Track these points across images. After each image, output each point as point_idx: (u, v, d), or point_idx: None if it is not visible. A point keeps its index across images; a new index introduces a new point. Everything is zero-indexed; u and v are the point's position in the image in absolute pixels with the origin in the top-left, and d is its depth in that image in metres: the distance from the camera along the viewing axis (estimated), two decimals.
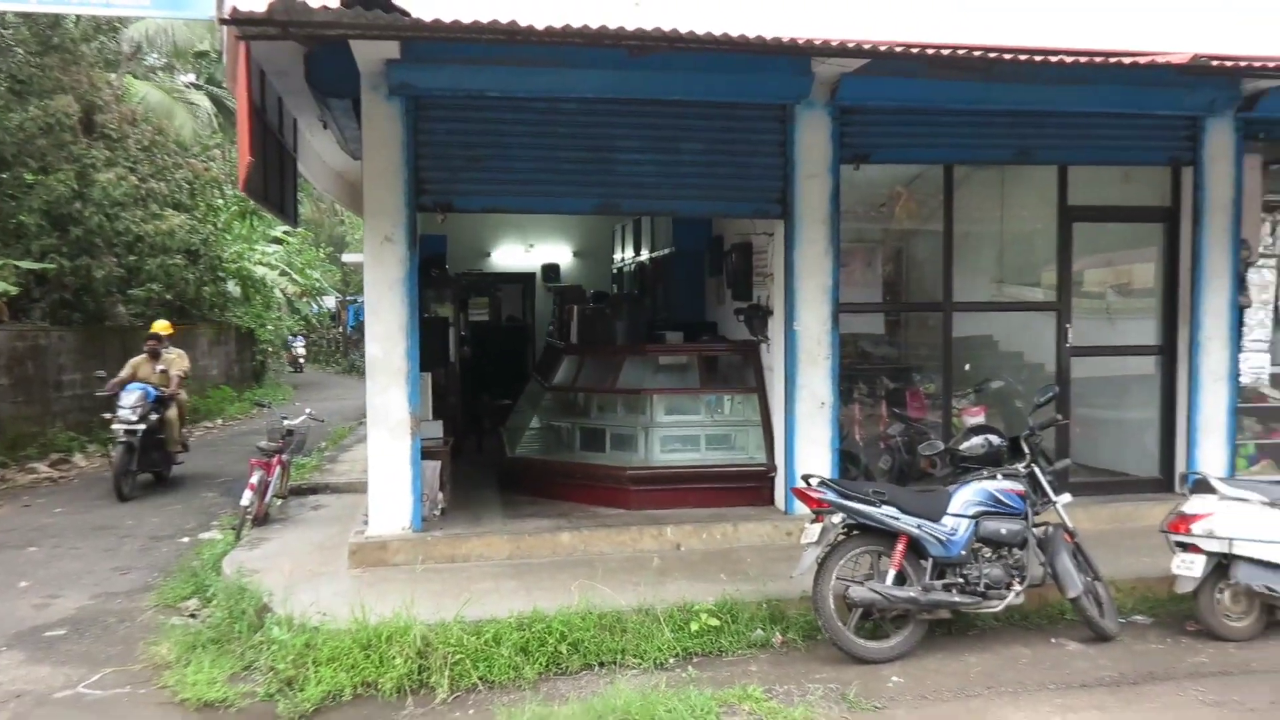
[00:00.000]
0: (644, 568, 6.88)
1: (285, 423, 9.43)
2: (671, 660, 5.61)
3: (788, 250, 7.86)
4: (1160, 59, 6.57)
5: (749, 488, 8.18)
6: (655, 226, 11.94)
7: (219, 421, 17.65)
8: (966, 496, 5.81)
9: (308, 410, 10.29)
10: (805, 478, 5.87)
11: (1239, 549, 5.77)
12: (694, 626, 5.80)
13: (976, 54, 6.26)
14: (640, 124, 7.63)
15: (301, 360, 30.53)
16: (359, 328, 29.12)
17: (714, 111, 7.68)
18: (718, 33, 5.82)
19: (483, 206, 7.74)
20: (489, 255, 15.92)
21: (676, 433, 8.41)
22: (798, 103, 7.66)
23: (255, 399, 16.53)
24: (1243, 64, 6.81)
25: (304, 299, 28.22)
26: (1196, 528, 5.87)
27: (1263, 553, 5.76)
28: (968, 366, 8.79)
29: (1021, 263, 9.61)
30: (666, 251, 11.25)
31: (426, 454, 7.57)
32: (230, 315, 21.30)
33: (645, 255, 12.44)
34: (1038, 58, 6.36)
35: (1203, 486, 6.01)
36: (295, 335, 29.95)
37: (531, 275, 16.12)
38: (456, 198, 7.46)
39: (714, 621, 5.84)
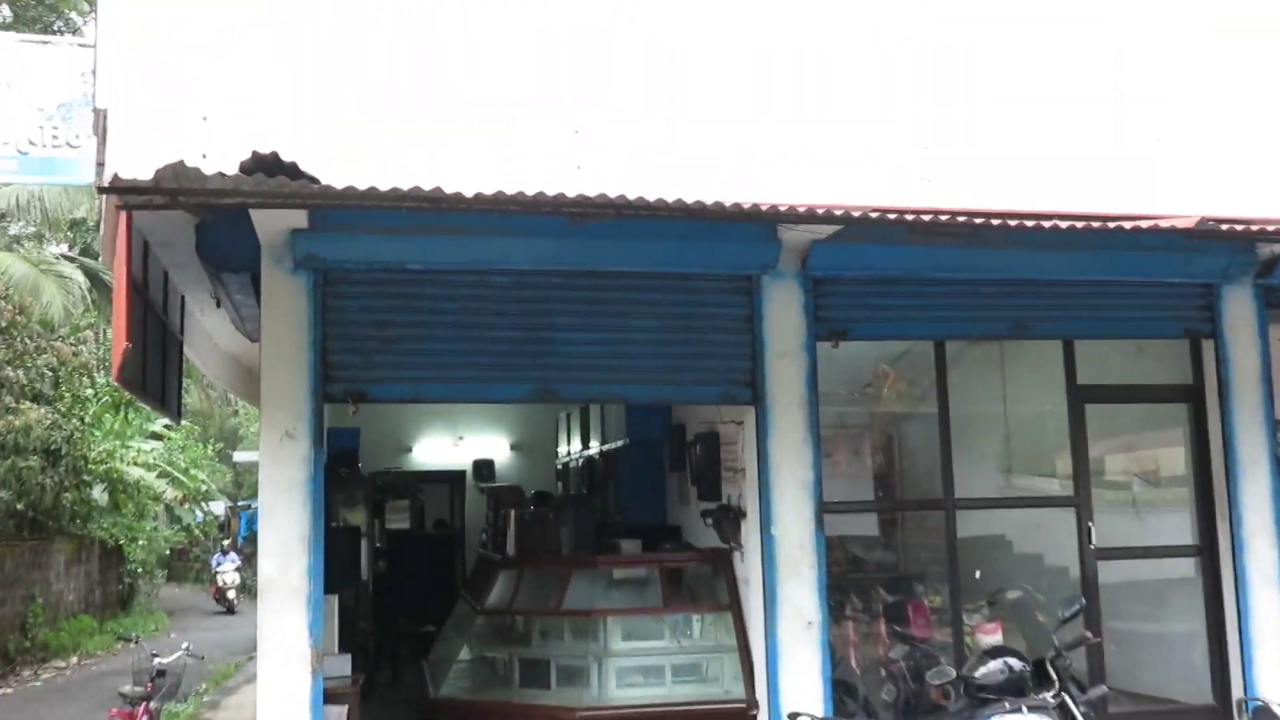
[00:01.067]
0: None
1: (156, 661, 9.03)
2: None
3: (760, 440, 7.90)
4: (1164, 223, 6.87)
5: None
6: (606, 415, 12.02)
7: (73, 660, 16.90)
8: None
9: (185, 644, 9.90)
10: (793, 716, 5.70)
11: None
12: None
13: (960, 219, 6.51)
14: (584, 298, 7.77)
15: (232, 593, 25.41)
16: (252, 539, 28.51)
17: (669, 283, 7.85)
18: (670, 198, 6.02)
19: (402, 396, 7.73)
20: (410, 451, 15.86)
21: (636, 662, 8.23)
22: (764, 273, 7.87)
23: (120, 631, 15.93)
24: (1254, 227, 7.14)
25: (186, 505, 27.67)
26: None
27: None
28: (979, 574, 8.74)
29: (1031, 449, 9.75)
30: (619, 444, 11.30)
31: (331, 697, 7.26)
32: (94, 527, 20.77)
33: (595, 448, 12.46)
34: (1028, 223, 6.62)
35: (1267, 715, 5.90)
36: (225, 551, 26.51)
37: (461, 474, 16.04)
38: (371, 386, 7.46)
39: None
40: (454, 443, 15.87)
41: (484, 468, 15.65)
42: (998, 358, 9.57)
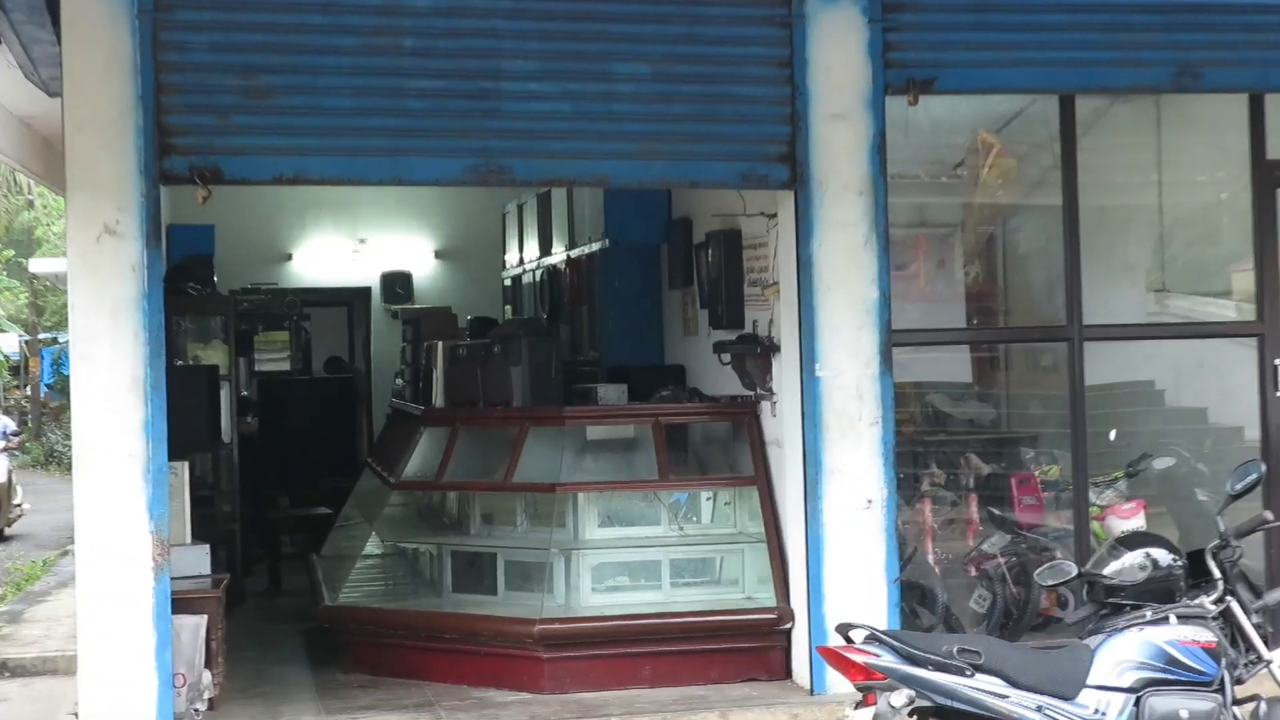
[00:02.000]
0: None
1: None
2: None
3: (802, 241, 7.96)
4: None
5: (747, 649, 8.18)
6: (577, 206, 11.98)
7: None
8: (1120, 655, 5.81)
9: None
10: (844, 630, 5.84)
11: None
12: None
13: None
14: (545, 33, 7.73)
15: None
16: (63, 386, 28.62)
17: (671, 10, 7.80)
18: None
19: (275, 175, 7.69)
20: (289, 260, 15.83)
21: (620, 558, 8.40)
22: None
23: None
24: None
25: None
26: None
27: None
28: (1113, 434, 8.87)
29: (1197, 256, 9.79)
30: (596, 249, 11.30)
31: (182, 603, 7.44)
32: None
33: (560, 255, 12.48)
34: None
35: None
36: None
37: (364, 292, 16.06)
38: (229, 160, 7.43)
39: None
40: (354, 248, 15.82)
41: (398, 284, 15.65)
42: (1151, 122, 9.55)
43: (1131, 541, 6.39)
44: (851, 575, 7.86)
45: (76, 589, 7.22)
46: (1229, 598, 6.06)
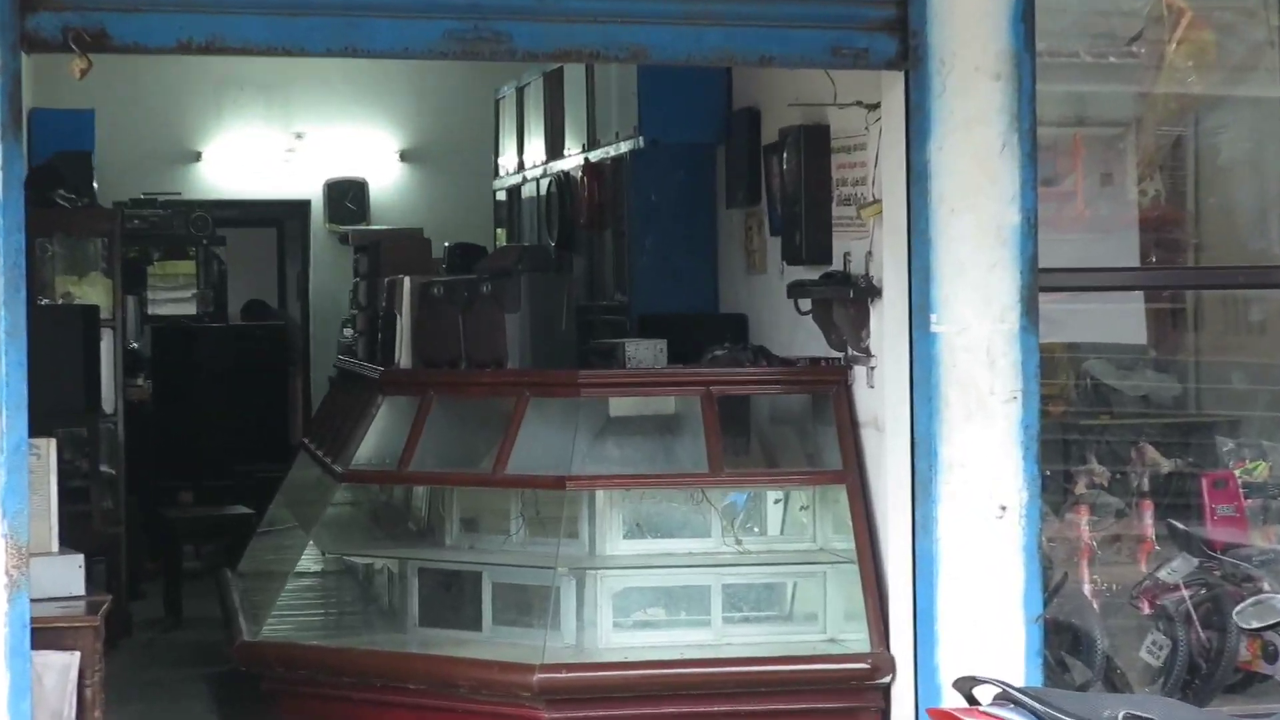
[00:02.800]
0: None
1: None
2: None
3: (915, 143, 7.95)
4: None
5: (831, 711, 8.23)
6: (599, 92, 12.00)
7: None
8: None
9: None
10: (965, 686, 5.86)
11: None
12: None
13: None
14: None
15: None
16: None
17: None
18: None
19: (182, 39, 7.56)
20: (198, 160, 15.89)
21: (653, 582, 8.49)
22: None
23: None
24: None
25: None
26: None
27: None
28: None
29: None
30: (626, 149, 11.33)
31: (46, 635, 7.45)
32: None
33: (575, 159, 12.53)
34: None
35: None
36: None
37: (302, 206, 16.10)
38: (117, 17, 7.35)
39: None
40: (288, 146, 15.86)
41: (348, 196, 15.69)
42: None
43: None
44: (976, 610, 7.82)
45: None
46: None
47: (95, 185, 12.47)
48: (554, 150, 13.08)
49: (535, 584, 8.54)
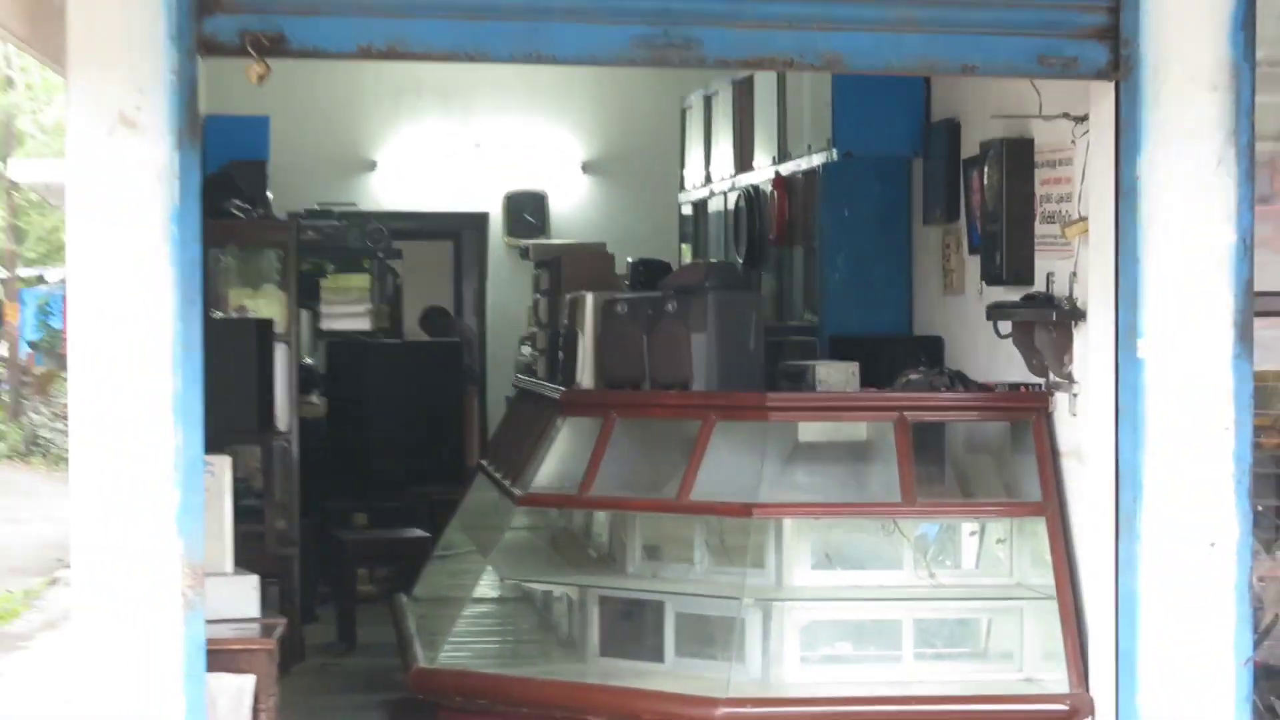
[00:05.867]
0: None
1: None
2: None
3: (1125, 158, 7.90)
4: None
5: None
6: (790, 101, 11.97)
7: None
8: None
9: None
10: None
11: None
12: None
13: None
14: None
15: None
16: (50, 344, 29.17)
17: None
18: None
19: (362, 44, 7.66)
20: (373, 170, 16.05)
21: (842, 615, 8.51)
22: None
23: None
24: None
25: None
26: None
27: None
28: None
29: None
30: (818, 162, 11.30)
31: (220, 658, 7.55)
32: None
33: (765, 172, 12.52)
34: None
35: None
36: None
37: (480, 219, 16.22)
38: (295, 20, 7.46)
39: None
40: (466, 156, 15.97)
41: (528, 209, 15.79)
42: None
43: None
44: (1181, 652, 7.76)
45: (71, 632, 7.30)
46: None
47: (270, 195, 12.62)
48: (743, 162, 13.10)
49: (719, 615, 8.55)
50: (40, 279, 32.44)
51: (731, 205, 13.39)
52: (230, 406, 9.08)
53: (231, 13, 7.40)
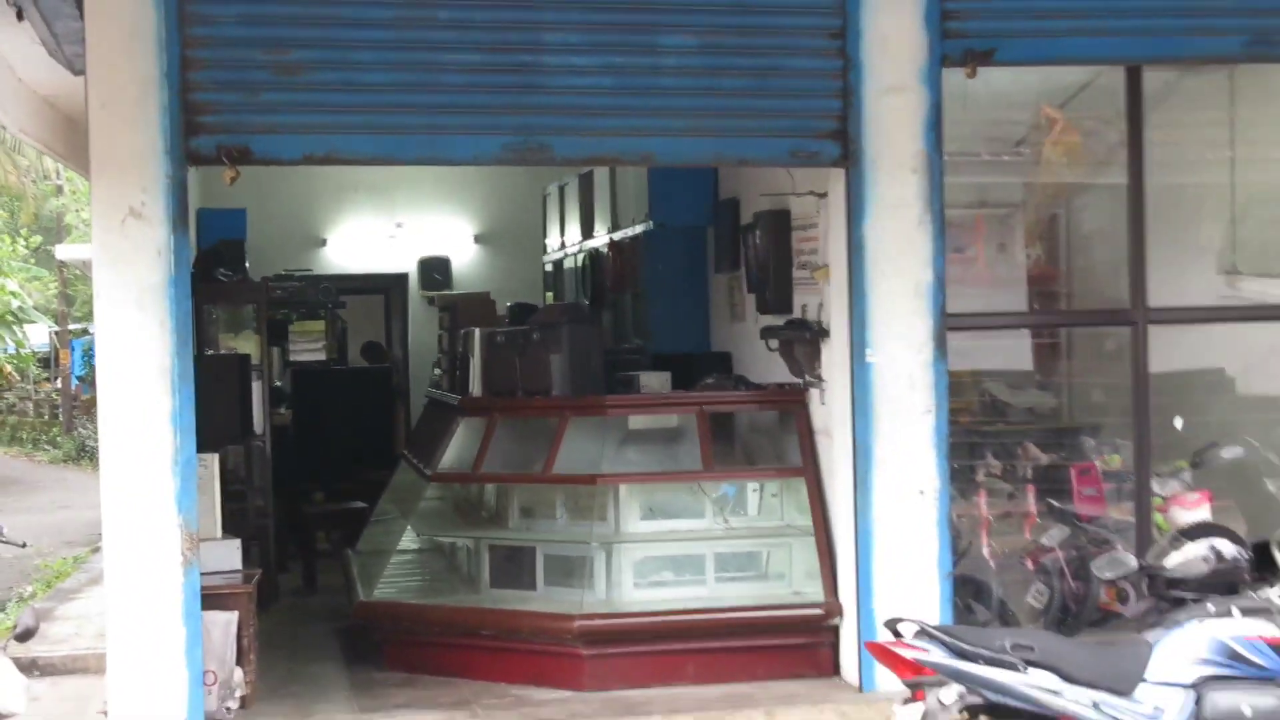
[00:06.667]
0: None
1: None
2: None
3: (854, 220, 8.03)
4: None
5: (794, 646, 8.28)
6: (620, 186, 12.04)
7: None
8: (1180, 650, 5.86)
9: None
10: (893, 625, 5.92)
11: None
12: None
13: None
14: (588, 6, 7.84)
15: None
16: (94, 377, 28.74)
17: None
18: None
19: (307, 154, 7.79)
20: (324, 244, 15.97)
21: (663, 552, 8.49)
22: None
23: None
24: None
25: None
26: None
27: None
28: (1180, 423, 8.88)
29: (1272, 238, 9.78)
30: (640, 231, 11.36)
31: (213, 600, 7.57)
32: None
33: (602, 238, 12.55)
34: None
35: None
36: None
37: (401, 279, 16.17)
38: (258, 138, 7.54)
39: None
40: (390, 233, 15.92)
41: (436, 270, 15.74)
42: (1224, 95, 9.53)
43: (1195, 533, 6.46)
44: (902, 569, 7.93)
45: (106, 586, 7.36)
46: None
47: (247, 265, 12.55)
48: (586, 232, 13.09)
49: (575, 555, 8.58)
50: (85, 331, 32.18)
51: (580, 264, 13.43)
52: (220, 418, 9.06)
53: (210, 133, 7.48)
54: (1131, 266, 8.60)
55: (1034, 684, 5.70)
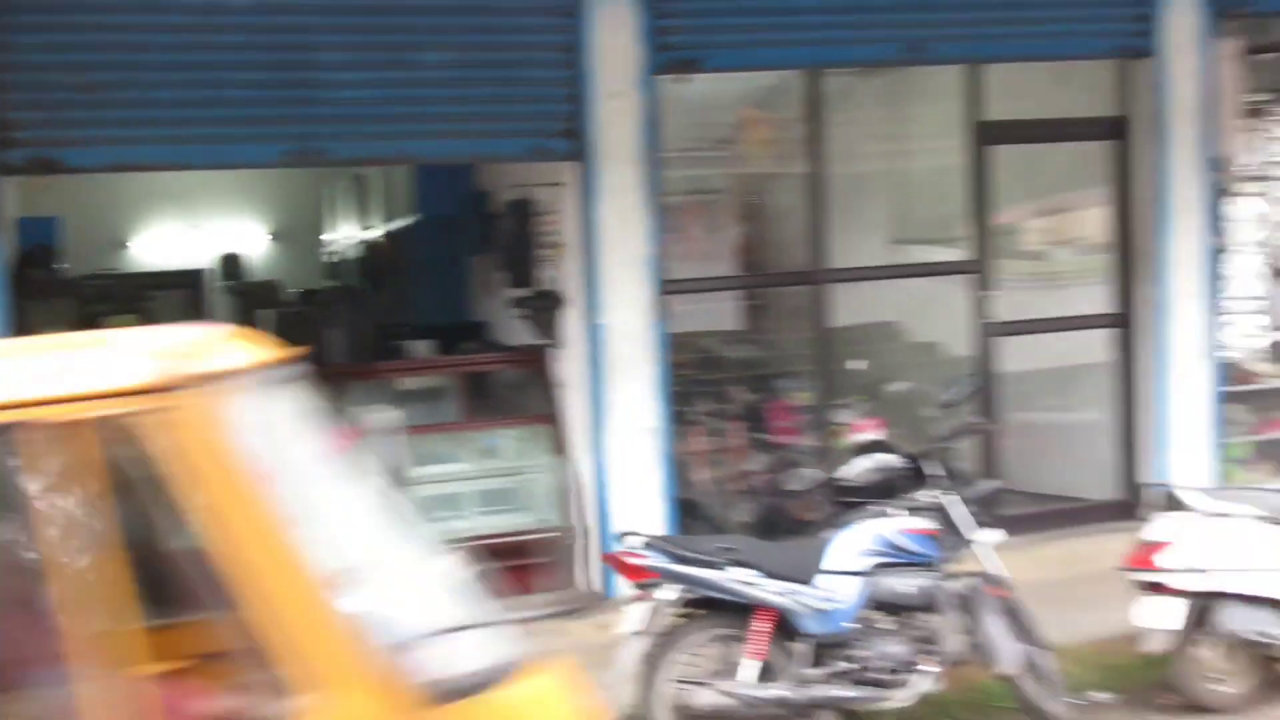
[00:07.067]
0: None
1: None
2: None
3: (586, 206, 8.15)
4: None
5: (546, 563, 8.35)
6: (389, 184, 11.99)
7: None
8: (853, 543, 6.17)
9: None
10: (624, 537, 6.11)
11: (1223, 584, 6.33)
12: None
13: None
14: (354, 27, 7.80)
15: None
16: None
17: (466, 5, 7.95)
18: None
19: (109, 163, 7.76)
20: (131, 246, 15.57)
21: (432, 491, 8.38)
22: None
23: None
24: None
25: None
26: (1165, 559, 6.39)
27: (1256, 586, 6.34)
28: (851, 364, 9.27)
29: (920, 215, 10.25)
30: (407, 222, 11.31)
31: None
32: None
33: (375, 230, 12.46)
34: None
35: (1172, 502, 6.54)
36: None
37: (202, 273, 15.85)
38: (66, 151, 7.40)
39: None
40: (189, 232, 15.58)
41: (233, 264, 15.46)
42: (886, 95, 9.92)
43: (866, 449, 6.78)
44: (634, 496, 8.09)
45: None
46: (945, 491, 6.47)
47: (65, 265, 12.22)
48: (363, 225, 13.04)
49: None
50: None
51: (359, 253, 13.35)
52: None
53: (22, 148, 7.30)
54: (814, 237, 8.92)
55: (735, 579, 5.97)
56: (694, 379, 9.12)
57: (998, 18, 8.75)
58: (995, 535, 6.51)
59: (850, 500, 6.53)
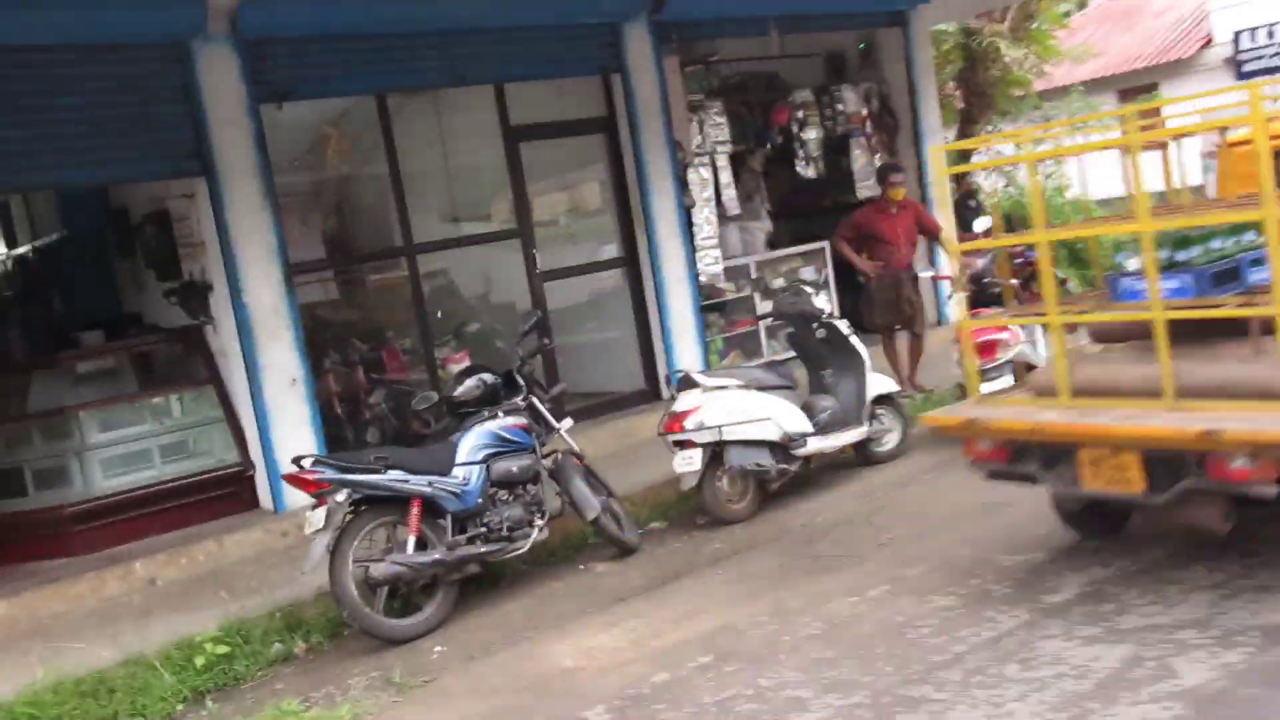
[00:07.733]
0: (119, 616, 6.77)
1: None
2: (181, 707, 5.74)
3: (218, 211, 7.98)
4: None
5: (226, 495, 8.23)
6: (32, 208, 11.06)
7: None
8: (472, 442, 6.53)
9: None
10: (297, 461, 6.18)
11: (727, 434, 7.17)
12: (200, 661, 5.92)
13: None
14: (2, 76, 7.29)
15: None
16: None
17: (98, 55, 7.56)
18: None
19: None
20: None
21: (120, 451, 8.11)
22: (194, 38, 7.77)
23: None
24: None
25: None
26: (688, 423, 7.19)
27: (748, 433, 7.23)
28: (440, 314, 9.51)
29: (475, 197, 10.57)
30: (55, 238, 10.50)
31: None
32: None
33: (25, 247, 11.43)
34: None
35: (687, 383, 7.36)
36: None
37: None
38: None
39: (223, 649, 6.02)
40: None
41: None
42: (435, 110, 10.08)
43: (468, 373, 7.09)
44: (290, 431, 8.05)
45: None
46: (531, 395, 6.93)
47: None
48: (10, 244, 11.78)
49: (55, 466, 8.05)
50: None
51: (11, 267, 11.92)
52: None
53: None
54: (400, 220, 9.09)
55: (392, 479, 6.20)
56: (323, 338, 9.10)
57: (516, 49, 9.14)
58: (568, 423, 7.11)
59: (464, 411, 6.85)
